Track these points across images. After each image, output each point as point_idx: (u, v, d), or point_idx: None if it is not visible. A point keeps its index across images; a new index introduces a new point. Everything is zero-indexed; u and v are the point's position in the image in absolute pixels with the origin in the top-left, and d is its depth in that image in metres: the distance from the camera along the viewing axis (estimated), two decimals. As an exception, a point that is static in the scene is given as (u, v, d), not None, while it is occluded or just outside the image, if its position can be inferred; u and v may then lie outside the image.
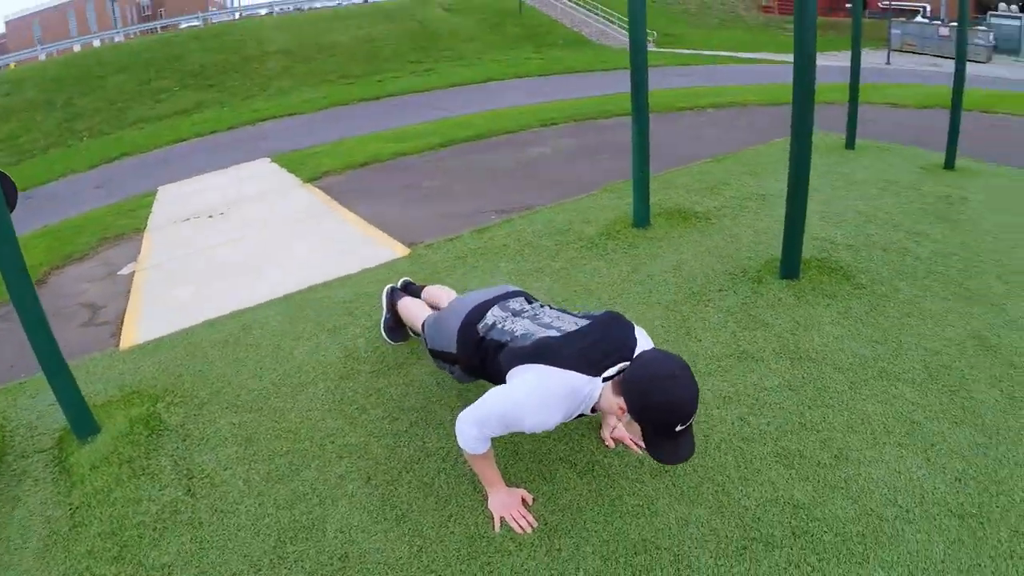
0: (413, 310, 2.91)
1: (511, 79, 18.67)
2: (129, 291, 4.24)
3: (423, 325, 2.67)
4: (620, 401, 1.81)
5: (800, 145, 3.52)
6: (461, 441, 2.07)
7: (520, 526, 2.09)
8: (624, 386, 1.80)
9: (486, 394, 2.04)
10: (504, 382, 2.05)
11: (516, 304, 2.35)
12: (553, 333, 2.04)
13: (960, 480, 2.24)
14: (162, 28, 32.38)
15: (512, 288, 2.49)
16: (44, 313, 2.45)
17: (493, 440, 2.06)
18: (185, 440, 2.59)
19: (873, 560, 1.94)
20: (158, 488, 2.36)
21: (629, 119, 4.38)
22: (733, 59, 23.12)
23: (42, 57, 27.37)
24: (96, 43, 29.29)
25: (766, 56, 24.62)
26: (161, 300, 3.99)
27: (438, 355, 2.50)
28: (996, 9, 32.61)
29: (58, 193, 10.16)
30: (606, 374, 1.90)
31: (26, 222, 6.26)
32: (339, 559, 2.02)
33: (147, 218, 6.06)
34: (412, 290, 3.24)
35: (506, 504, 2.15)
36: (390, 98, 16.54)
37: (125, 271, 4.63)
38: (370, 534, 2.10)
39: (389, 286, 3.22)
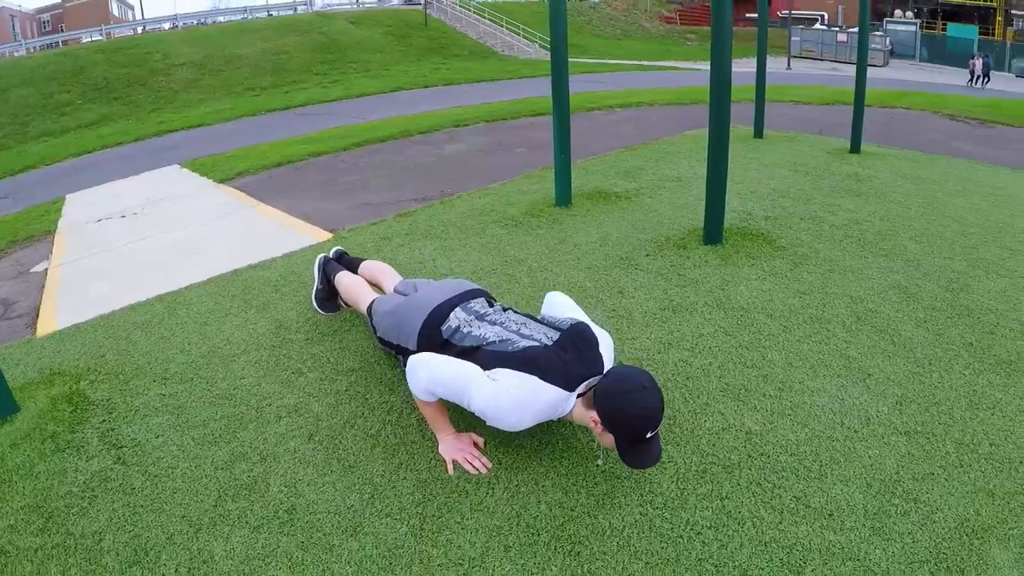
0: (355, 289, 2.77)
1: (420, 89, 18.49)
2: (43, 286, 3.88)
3: (369, 309, 2.54)
4: (593, 414, 1.84)
5: (719, 112, 3.64)
6: (411, 384, 2.00)
7: (474, 467, 2.01)
8: (597, 400, 1.84)
9: (466, 366, 1.99)
10: None
11: (478, 306, 2.29)
12: (534, 344, 2.01)
13: (901, 403, 2.33)
14: (64, 43, 30.75)
15: (469, 285, 2.42)
16: None
17: None
18: (111, 413, 2.36)
19: (831, 476, 1.98)
20: (85, 459, 2.13)
21: (540, 119, 4.45)
22: (638, 67, 23.85)
23: None
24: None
25: (670, 64, 25.59)
26: (78, 293, 3.66)
27: (391, 346, 2.38)
28: (892, 16, 35.34)
29: None
30: (579, 390, 1.92)
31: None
32: (285, 512, 1.87)
33: (57, 221, 5.58)
34: (346, 261, 3.10)
35: (457, 447, 2.07)
36: (300, 108, 16.11)
37: (38, 268, 4.25)
38: (317, 487, 1.97)
39: (321, 255, 3.08)
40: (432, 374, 1.97)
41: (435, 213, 4.61)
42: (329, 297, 3.03)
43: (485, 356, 2.02)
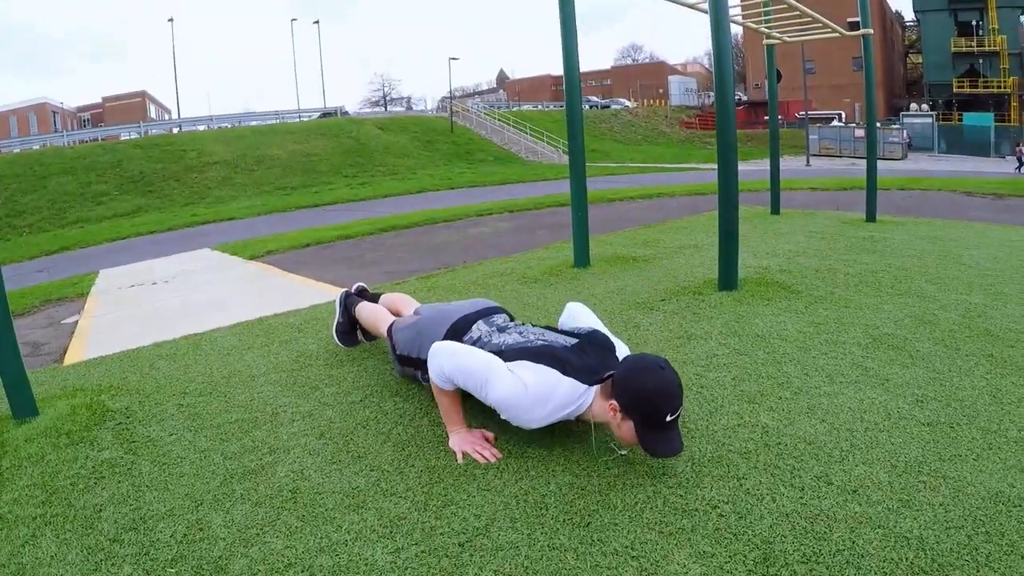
0: (375, 315, 2.80)
1: (445, 190, 19.00)
2: (72, 333, 4.01)
3: (389, 330, 2.58)
4: (611, 402, 1.81)
5: (726, 158, 3.75)
6: (430, 364, 2.00)
7: (484, 456, 1.95)
8: (615, 383, 1.83)
9: (488, 356, 1.98)
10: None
11: (500, 320, 2.35)
12: (553, 344, 2.04)
13: (921, 401, 2.23)
14: (103, 138, 31.60)
15: (491, 303, 2.48)
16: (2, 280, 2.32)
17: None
18: (128, 418, 2.36)
19: (852, 459, 1.87)
20: (96, 450, 2.11)
21: (562, 208, 4.62)
22: (659, 169, 24.40)
23: None
24: (36, 146, 28.86)
25: (690, 166, 26.16)
26: (106, 337, 3.77)
27: (409, 361, 2.40)
28: (908, 109, 36.25)
29: None
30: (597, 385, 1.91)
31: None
32: (290, 491, 1.81)
33: (90, 287, 5.80)
34: (367, 296, 3.16)
35: (468, 440, 2.02)
36: (328, 205, 16.63)
37: (68, 320, 4.41)
38: (324, 472, 1.91)
39: (343, 291, 3.15)
40: (455, 360, 1.95)
41: (456, 275, 4.71)
42: (349, 331, 3.06)
43: (506, 355, 2.01)
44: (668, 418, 1.75)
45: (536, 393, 1.86)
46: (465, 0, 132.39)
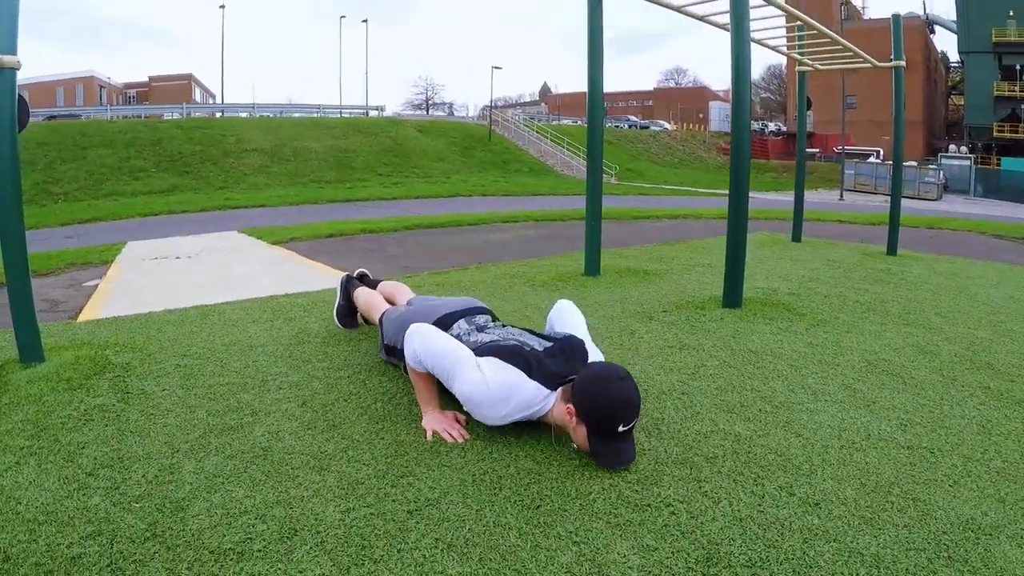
0: (371, 300, 2.83)
1: (477, 196, 18.77)
2: (91, 295, 4.12)
3: (381, 318, 2.59)
4: (569, 405, 1.81)
5: (738, 173, 3.70)
6: (405, 345, 2.01)
7: (452, 436, 1.94)
8: (575, 388, 1.83)
9: (460, 344, 2.00)
10: None
11: (481, 320, 2.36)
12: (526, 344, 2.04)
13: (905, 425, 2.15)
14: (146, 116, 31.21)
15: (477, 303, 2.48)
16: (23, 226, 2.41)
17: None
18: (127, 372, 2.41)
19: (821, 474, 1.81)
20: (91, 396, 2.17)
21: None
22: (692, 192, 23.97)
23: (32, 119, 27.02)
24: (82, 117, 28.55)
25: (724, 191, 25.55)
26: (122, 300, 3.87)
27: (394, 352, 2.41)
28: (947, 151, 35.33)
29: (30, 238, 9.71)
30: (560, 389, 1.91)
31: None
32: (262, 449, 1.83)
33: (116, 256, 5.93)
34: (368, 282, 3.19)
35: (439, 420, 2.01)
36: (360, 201, 16.44)
37: (89, 283, 4.53)
38: (298, 436, 1.93)
39: (345, 274, 3.18)
40: (427, 345, 1.96)
41: (467, 274, 4.72)
42: (349, 314, 3.09)
43: (479, 351, 2.01)
44: (620, 428, 1.74)
45: (498, 391, 1.86)
46: (515, 13, 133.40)
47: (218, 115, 31.83)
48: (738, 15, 3.69)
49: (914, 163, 32.10)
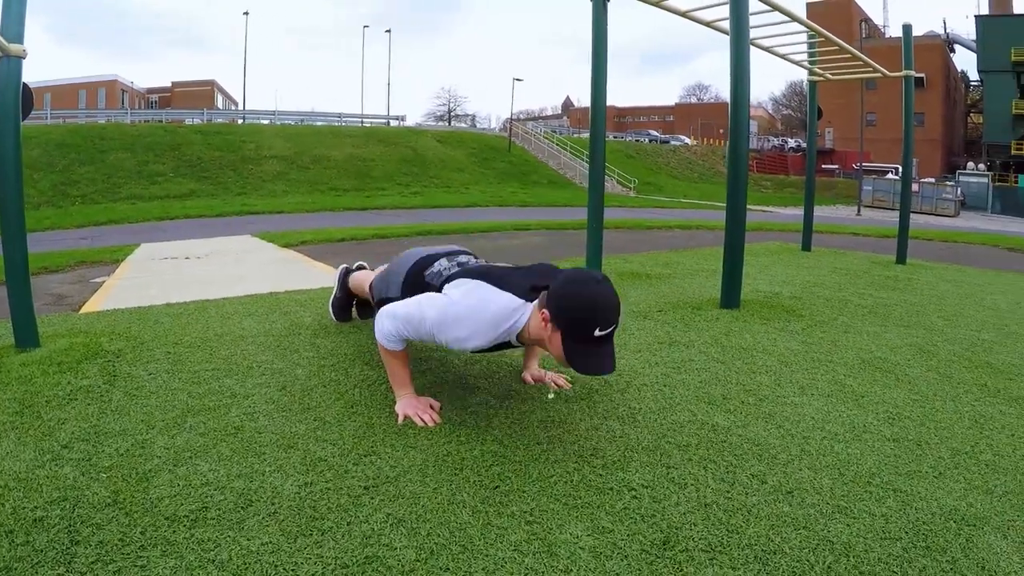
0: (363, 278, 2.80)
1: (495, 207, 18.35)
2: (97, 290, 4.17)
3: (371, 285, 2.55)
4: (544, 311, 1.70)
5: (736, 173, 3.64)
6: (378, 332, 1.97)
7: (423, 419, 1.90)
8: (550, 293, 1.71)
9: (420, 295, 1.96)
10: None
11: (463, 258, 2.28)
12: (495, 264, 2.00)
13: (893, 419, 2.07)
14: (167, 120, 30.37)
15: (460, 247, 2.47)
16: (23, 210, 2.44)
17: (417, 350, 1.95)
18: (118, 358, 2.42)
19: (796, 464, 1.74)
20: (79, 378, 2.19)
21: (604, 231, 4.49)
22: (710, 206, 23.55)
23: (48, 122, 25.42)
24: (102, 120, 27.92)
25: None
26: (125, 295, 3.90)
27: (386, 303, 2.40)
28: (965, 168, 34.62)
29: (44, 239, 9.60)
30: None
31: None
32: (234, 428, 1.81)
33: (127, 256, 5.98)
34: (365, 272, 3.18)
35: (412, 404, 1.97)
36: (377, 210, 16.24)
37: (97, 280, 4.57)
38: (272, 418, 1.91)
39: (343, 266, 3.17)
40: (396, 318, 1.90)
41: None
42: (345, 306, 3.07)
43: (450, 278, 1.96)
44: (598, 332, 1.61)
45: (469, 305, 1.77)
46: (540, 28, 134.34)
47: (239, 121, 31.54)
48: (738, 18, 3.65)
49: (932, 180, 31.51)
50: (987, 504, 1.57)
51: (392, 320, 1.91)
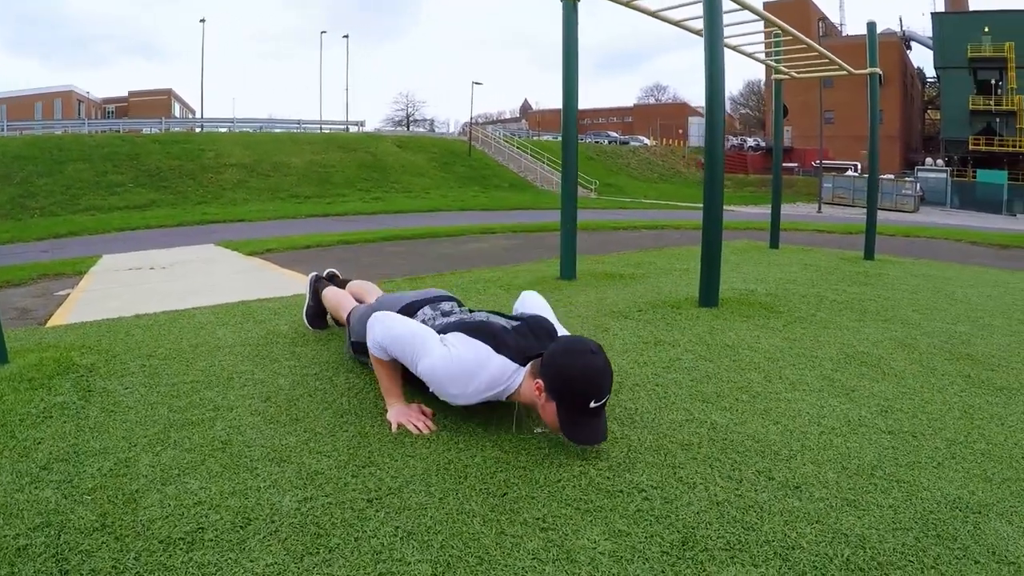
0: (338, 299, 2.75)
1: (457, 211, 18.35)
2: (61, 303, 4.01)
3: (348, 316, 2.52)
4: (538, 381, 1.71)
5: (712, 171, 3.68)
6: (367, 333, 1.93)
7: (417, 427, 1.86)
8: (543, 362, 1.73)
9: (421, 325, 1.93)
10: None
11: (447, 306, 2.28)
12: (493, 321, 1.97)
13: (886, 412, 2.10)
14: (125, 130, 29.99)
15: (445, 293, 2.42)
16: None
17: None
18: (91, 372, 2.31)
19: (800, 459, 1.74)
20: (52, 395, 2.07)
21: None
22: (673, 206, 23.65)
23: (4, 134, 24.97)
24: (59, 131, 27.51)
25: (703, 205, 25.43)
26: (92, 307, 3.75)
27: (362, 348, 2.33)
28: (923, 164, 35.82)
29: (4, 252, 9.16)
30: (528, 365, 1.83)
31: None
32: (221, 442, 1.74)
33: (90, 267, 5.79)
34: (337, 282, 3.10)
35: (404, 412, 1.92)
36: (338, 216, 16.09)
37: (61, 292, 4.41)
38: (259, 430, 1.83)
39: (314, 274, 3.09)
40: (388, 329, 1.88)
41: (443, 280, 4.64)
42: (319, 315, 3.00)
43: (444, 330, 1.94)
44: (592, 404, 1.64)
45: (464, 366, 1.76)
46: (496, 32, 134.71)
47: (197, 130, 31.00)
48: (712, 18, 3.69)
49: (891, 176, 32.54)
50: (988, 492, 1.60)
51: (383, 331, 1.89)
